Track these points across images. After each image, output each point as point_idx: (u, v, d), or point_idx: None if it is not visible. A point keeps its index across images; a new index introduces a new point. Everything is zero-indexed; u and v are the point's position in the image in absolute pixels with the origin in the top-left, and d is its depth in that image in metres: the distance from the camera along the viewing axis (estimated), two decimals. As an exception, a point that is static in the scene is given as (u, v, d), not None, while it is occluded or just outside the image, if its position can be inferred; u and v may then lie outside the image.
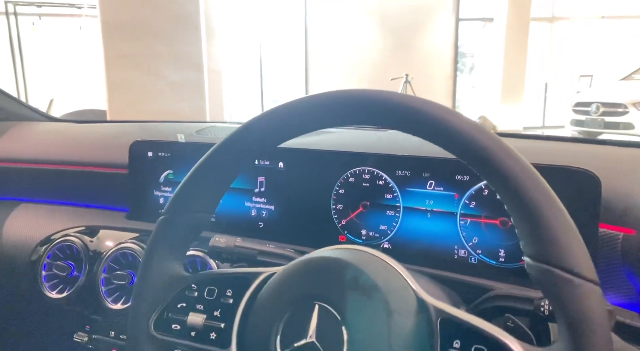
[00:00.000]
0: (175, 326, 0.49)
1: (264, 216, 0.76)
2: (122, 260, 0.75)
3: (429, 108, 0.39)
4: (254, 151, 0.49)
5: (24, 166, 1.02)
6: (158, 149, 0.85)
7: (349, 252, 0.46)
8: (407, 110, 0.40)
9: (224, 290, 0.50)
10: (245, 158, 0.50)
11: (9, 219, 0.92)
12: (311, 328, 0.42)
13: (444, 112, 0.39)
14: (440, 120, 0.39)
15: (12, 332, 0.96)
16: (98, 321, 0.80)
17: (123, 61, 3.02)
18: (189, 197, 0.51)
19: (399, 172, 0.66)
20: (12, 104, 1.25)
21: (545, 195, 0.36)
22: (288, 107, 0.46)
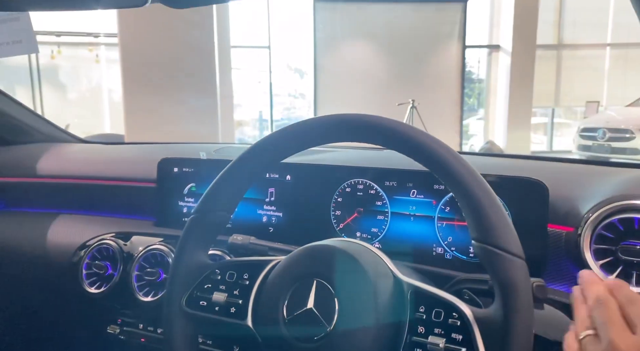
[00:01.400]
0: (203, 303, 0.61)
1: (273, 221, 0.89)
2: (151, 259, 0.88)
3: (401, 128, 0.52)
4: (264, 163, 0.62)
5: (62, 181, 1.15)
6: (183, 165, 0.99)
7: (341, 242, 0.59)
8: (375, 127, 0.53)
9: (242, 274, 0.62)
10: (258, 169, 0.63)
11: (52, 227, 1.06)
12: (310, 299, 0.54)
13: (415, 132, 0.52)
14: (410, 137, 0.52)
15: (55, 324, 1.09)
16: (129, 314, 0.92)
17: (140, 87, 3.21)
18: (214, 200, 0.64)
19: (388, 183, 0.78)
20: (48, 127, 1.40)
21: (484, 192, 0.48)
22: (290, 128, 0.60)
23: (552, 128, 9.04)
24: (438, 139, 0.52)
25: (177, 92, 3.23)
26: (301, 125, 0.60)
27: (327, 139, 0.58)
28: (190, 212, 0.98)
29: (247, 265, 0.63)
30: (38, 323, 1.14)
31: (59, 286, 0.97)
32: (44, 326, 1.13)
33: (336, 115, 0.57)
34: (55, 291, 1.01)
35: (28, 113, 1.33)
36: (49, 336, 1.14)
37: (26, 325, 1.16)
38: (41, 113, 5.49)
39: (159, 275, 0.85)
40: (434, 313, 0.50)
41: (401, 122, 0.53)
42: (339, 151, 1.03)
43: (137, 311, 0.90)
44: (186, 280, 0.62)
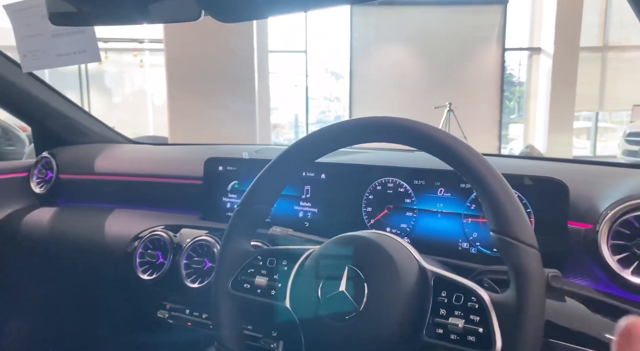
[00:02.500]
0: (246, 286, 0.68)
1: (309, 217, 0.96)
2: (198, 249, 0.96)
3: (424, 129, 0.58)
4: (302, 161, 0.69)
5: (116, 179, 1.26)
6: (227, 164, 1.07)
7: (371, 233, 0.64)
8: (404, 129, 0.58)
9: (281, 261, 0.69)
10: (296, 166, 0.70)
11: (108, 221, 1.16)
12: (342, 283, 0.60)
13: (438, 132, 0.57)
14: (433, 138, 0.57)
15: (110, 309, 1.19)
16: (177, 300, 1.01)
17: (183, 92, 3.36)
18: (256, 194, 0.71)
19: (416, 182, 0.83)
20: (103, 129, 1.52)
21: (501, 187, 0.53)
22: (325, 130, 0.66)
23: (596, 132, 8.76)
24: (459, 139, 0.57)
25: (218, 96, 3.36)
26: (335, 127, 0.66)
27: (357, 140, 0.64)
28: (233, 207, 1.06)
29: (286, 253, 0.69)
30: (95, 307, 1.25)
31: (115, 274, 1.07)
32: (100, 310, 1.24)
33: (366, 118, 0.63)
34: (111, 278, 1.11)
35: (86, 115, 1.46)
36: (105, 319, 1.24)
37: (85, 308, 1.28)
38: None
39: (205, 264, 0.93)
40: (455, 298, 0.55)
41: (425, 124, 0.59)
42: (369, 152, 1.09)
43: (185, 297, 0.98)
44: (232, 265, 0.70)
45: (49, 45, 0.98)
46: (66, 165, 1.33)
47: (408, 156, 1.00)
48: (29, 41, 0.99)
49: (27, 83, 1.26)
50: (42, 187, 1.33)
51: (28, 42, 0.99)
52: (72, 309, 1.33)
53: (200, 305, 0.97)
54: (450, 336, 0.54)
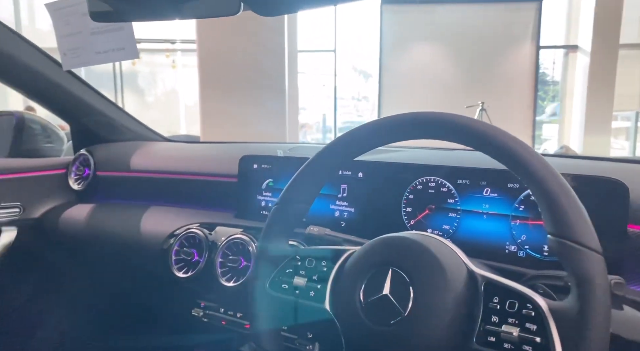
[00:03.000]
0: (285, 286, 0.67)
1: (345, 216, 0.93)
2: (233, 248, 0.95)
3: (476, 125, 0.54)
4: (341, 159, 0.67)
5: (152, 176, 1.27)
6: (262, 162, 1.06)
7: (416, 234, 0.62)
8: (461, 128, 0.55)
9: (320, 261, 0.66)
10: (335, 165, 0.68)
11: (144, 218, 1.16)
12: (386, 286, 0.57)
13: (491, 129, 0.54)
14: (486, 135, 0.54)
15: (146, 305, 1.20)
16: (211, 299, 1.00)
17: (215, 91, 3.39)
18: (294, 192, 0.69)
19: (460, 181, 0.80)
20: (139, 127, 1.54)
21: (561, 186, 0.50)
22: (364, 127, 0.64)
23: (636, 132, 8.42)
24: (514, 136, 0.53)
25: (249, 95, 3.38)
26: (378, 123, 0.63)
27: (402, 136, 0.61)
28: (267, 205, 1.05)
29: (325, 253, 0.67)
30: (131, 304, 1.26)
31: (151, 271, 1.07)
32: (136, 307, 1.25)
33: (410, 113, 0.61)
34: (147, 275, 1.11)
35: (122, 113, 1.47)
36: (140, 316, 1.25)
37: (120, 305, 1.29)
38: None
39: (240, 262, 0.92)
40: (508, 304, 0.52)
41: (476, 119, 0.55)
42: (408, 150, 1.06)
43: (220, 295, 0.97)
44: (270, 265, 0.68)
45: (88, 42, 0.99)
46: (103, 162, 1.35)
47: (449, 154, 0.97)
48: (68, 39, 1.00)
49: (66, 81, 1.28)
50: (80, 183, 1.35)
51: (68, 40, 1.00)
52: (108, 305, 1.35)
53: (235, 304, 0.96)
54: (504, 345, 0.51)
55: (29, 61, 1.19)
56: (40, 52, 1.22)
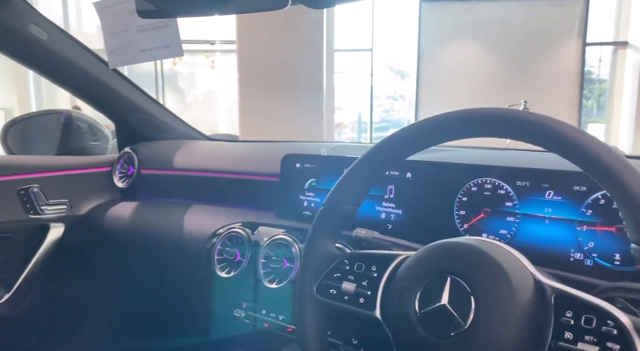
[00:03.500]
0: (332, 291, 0.63)
1: (392, 219, 0.89)
2: (276, 248, 0.93)
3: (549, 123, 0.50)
4: (393, 159, 0.63)
5: (194, 174, 1.27)
6: (304, 161, 1.03)
7: (476, 240, 0.57)
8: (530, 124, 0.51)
9: (370, 266, 0.63)
10: (386, 164, 0.65)
11: (186, 216, 1.16)
12: (444, 295, 0.53)
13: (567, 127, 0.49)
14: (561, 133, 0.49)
15: (188, 304, 1.20)
16: (253, 300, 0.98)
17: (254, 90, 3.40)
18: (342, 193, 0.66)
19: (520, 183, 0.75)
20: (181, 126, 1.54)
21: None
22: (420, 124, 0.60)
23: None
24: (591, 134, 0.48)
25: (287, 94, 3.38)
26: (433, 120, 0.60)
27: (462, 134, 0.57)
28: (310, 205, 1.02)
29: (375, 258, 0.64)
30: (173, 302, 1.26)
31: (193, 270, 1.06)
32: (178, 305, 1.25)
33: (471, 110, 0.56)
34: (189, 273, 1.10)
35: (165, 112, 1.48)
36: (181, 314, 1.25)
37: (163, 302, 1.29)
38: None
39: (283, 264, 0.90)
40: (584, 320, 0.47)
41: (549, 117, 0.51)
42: (459, 150, 1.01)
43: (262, 297, 0.95)
44: (316, 268, 0.65)
45: (134, 41, 0.99)
46: (147, 160, 1.35)
47: (504, 154, 0.91)
48: (115, 37, 1.00)
49: (112, 80, 1.30)
50: (124, 181, 1.37)
51: (115, 39, 1.00)
52: (150, 302, 1.36)
53: (277, 306, 0.94)
54: None
55: (78, 61, 1.21)
56: (88, 52, 1.24)
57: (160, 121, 1.46)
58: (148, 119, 1.43)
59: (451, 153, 0.96)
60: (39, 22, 1.10)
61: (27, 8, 1.08)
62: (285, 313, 0.93)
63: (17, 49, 1.14)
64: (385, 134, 3.23)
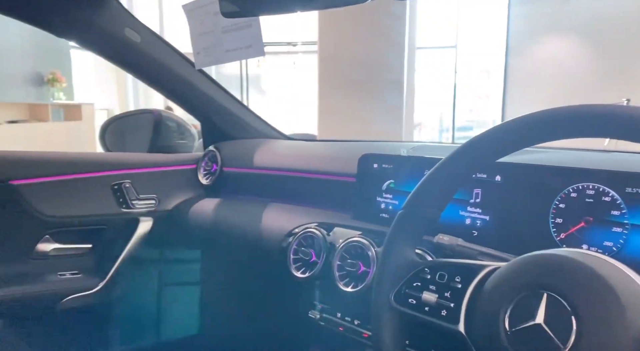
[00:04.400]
0: (412, 301, 0.60)
1: (478, 225, 0.83)
2: (352, 251, 0.90)
3: None
4: (481, 160, 0.58)
5: (272, 173, 1.28)
6: (383, 161, 0.99)
7: (579, 253, 0.51)
8: None
9: (453, 276, 0.58)
10: (473, 167, 0.60)
11: (264, 214, 1.17)
12: (539, 313, 0.47)
13: None
14: None
15: (262, 303, 1.21)
16: (328, 302, 0.97)
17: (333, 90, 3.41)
18: (424, 196, 0.62)
19: (629, 189, 0.66)
20: (262, 125, 1.57)
21: None
22: (517, 121, 0.54)
23: None
24: None
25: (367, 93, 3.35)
26: (529, 118, 0.54)
27: (564, 134, 0.51)
28: (387, 207, 0.99)
29: (459, 267, 0.59)
30: (250, 298, 1.28)
31: (270, 268, 1.07)
32: (254, 302, 1.27)
33: (576, 106, 0.50)
34: (266, 271, 1.12)
35: (248, 112, 1.52)
36: (257, 311, 1.27)
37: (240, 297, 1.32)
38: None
39: (359, 267, 0.87)
40: None
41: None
42: (555, 151, 0.92)
43: (337, 299, 0.93)
44: (395, 276, 0.62)
45: (218, 41, 1.02)
46: (229, 158, 1.39)
47: (609, 157, 0.82)
48: (202, 38, 1.03)
49: (199, 81, 1.35)
50: (208, 178, 1.41)
51: (201, 40, 1.04)
52: (228, 295, 1.39)
53: (352, 310, 0.92)
54: None
55: (168, 62, 1.27)
56: (178, 54, 1.30)
57: (243, 121, 1.49)
58: (232, 119, 1.47)
59: (546, 155, 0.88)
60: (133, 25, 1.17)
61: (124, 12, 1.15)
62: (361, 318, 0.90)
63: (113, 51, 1.23)
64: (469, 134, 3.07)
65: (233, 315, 1.39)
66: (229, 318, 1.41)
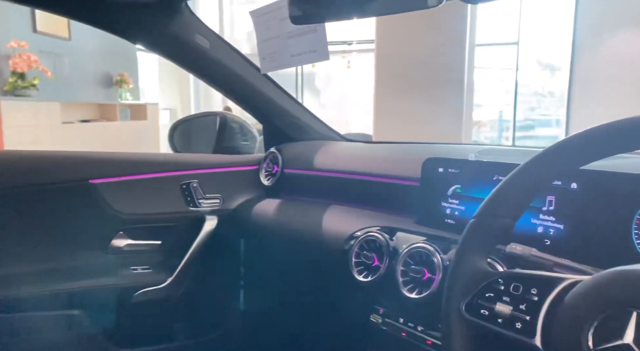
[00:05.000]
0: (484, 312, 0.58)
1: (551, 234, 0.80)
2: (416, 257, 0.89)
3: None
4: (562, 167, 0.56)
5: (332, 175, 1.29)
6: (448, 166, 0.98)
7: None
8: None
9: (529, 289, 0.56)
10: (552, 174, 0.57)
11: (325, 216, 1.18)
12: (627, 333, 0.45)
13: None
14: None
15: (323, 305, 1.23)
16: (391, 307, 0.96)
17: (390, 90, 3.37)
18: (498, 205, 0.60)
19: None
20: (321, 127, 1.58)
21: None
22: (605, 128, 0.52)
23: None
24: None
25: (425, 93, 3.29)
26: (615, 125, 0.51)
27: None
28: (453, 213, 0.97)
29: (535, 279, 0.57)
30: (309, 300, 1.30)
31: (331, 270, 1.08)
32: (314, 303, 1.28)
33: None
34: (327, 273, 1.13)
35: (307, 114, 1.54)
36: (315, 313, 1.28)
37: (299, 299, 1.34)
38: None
39: (423, 274, 0.86)
40: None
41: None
42: (636, 157, 0.86)
43: (400, 305, 0.93)
44: (466, 286, 0.61)
45: (284, 46, 1.04)
46: (290, 160, 1.42)
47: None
48: (267, 44, 1.06)
49: (262, 85, 1.38)
50: (269, 179, 1.45)
51: (267, 45, 1.06)
52: (289, 295, 1.42)
53: (416, 316, 0.91)
54: None
55: (234, 66, 1.32)
56: (243, 58, 1.34)
57: (303, 123, 1.51)
58: (292, 121, 1.50)
59: (626, 162, 0.83)
60: (203, 32, 1.22)
61: (195, 19, 1.20)
62: (425, 325, 0.89)
63: (184, 56, 1.28)
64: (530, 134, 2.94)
65: (292, 313, 1.41)
66: (288, 317, 1.43)
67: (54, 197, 1.20)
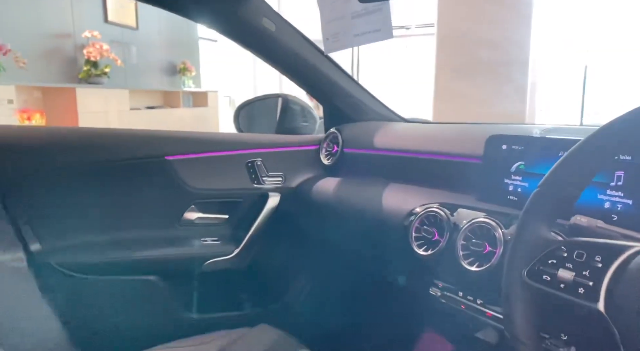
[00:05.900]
0: (546, 277, 0.60)
1: (619, 209, 0.79)
2: (477, 231, 0.90)
3: None
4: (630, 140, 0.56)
5: (392, 154, 1.31)
6: (512, 142, 0.97)
7: None
8: None
9: (593, 256, 0.57)
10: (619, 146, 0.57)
11: (384, 194, 1.21)
12: None
13: None
14: None
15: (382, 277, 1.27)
16: (450, 281, 0.98)
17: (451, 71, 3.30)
18: (565, 173, 0.61)
19: None
20: (381, 108, 1.60)
21: None
22: None
23: None
24: None
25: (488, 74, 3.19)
26: None
27: None
28: (516, 189, 0.97)
29: (599, 247, 0.58)
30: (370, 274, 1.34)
31: (391, 245, 1.11)
32: (374, 278, 1.33)
33: None
34: (386, 248, 1.16)
35: (367, 95, 1.56)
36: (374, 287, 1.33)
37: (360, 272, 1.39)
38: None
39: (484, 247, 0.87)
40: None
41: None
42: None
43: (459, 278, 0.95)
44: (529, 253, 0.62)
45: (347, 26, 1.07)
46: (349, 140, 1.45)
47: None
48: (332, 24, 1.09)
49: (325, 66, 1.42)
50: (329, 159, 1.49)
51: (331, 26, 1.09)
52: (349, 270, 1.47)
53: (475, 289, 0.92)
54: None
55: (299, 49, 1.36)
56: (306, 40, 1.38)
57: (364, 104, 1.54)
58: (353, 102, 1.53)
59: None
60: (269, 15, 1.27)
61: (261, 3, 1.25)
62: (484, 297, 0.91)
63: (251, 39, 1.34)
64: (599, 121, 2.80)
65: (352, 286, 1.46)
66: (348, 290, 1.48)
67: (133, 171, 1.31)
